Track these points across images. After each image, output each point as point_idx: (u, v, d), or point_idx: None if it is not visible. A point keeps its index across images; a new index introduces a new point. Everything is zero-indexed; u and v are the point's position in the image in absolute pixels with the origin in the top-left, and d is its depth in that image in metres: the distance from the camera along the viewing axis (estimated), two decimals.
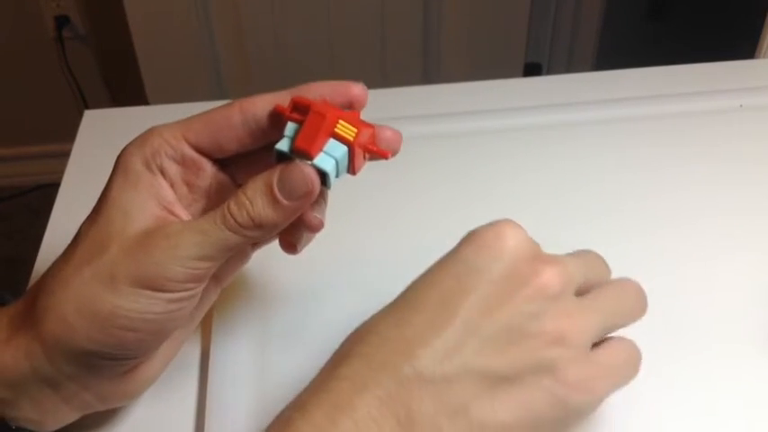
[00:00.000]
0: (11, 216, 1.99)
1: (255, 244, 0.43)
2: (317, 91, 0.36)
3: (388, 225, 0.59)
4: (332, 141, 0.35)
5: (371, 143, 0.36)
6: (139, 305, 0.34)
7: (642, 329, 0.51)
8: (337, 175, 0.36)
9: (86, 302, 0.34)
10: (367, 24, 1.69)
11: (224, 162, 0.39)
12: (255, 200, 0.34)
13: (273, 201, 0.34)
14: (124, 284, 0.34)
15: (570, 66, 1.98)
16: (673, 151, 0.67)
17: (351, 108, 0.37)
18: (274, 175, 0.35)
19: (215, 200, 0.39)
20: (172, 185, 0.37)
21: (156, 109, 0.79)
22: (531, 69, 1.92)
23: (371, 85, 0.40)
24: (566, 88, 0.76)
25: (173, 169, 0.37)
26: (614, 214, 0.60)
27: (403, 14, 1.69)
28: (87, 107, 0.91)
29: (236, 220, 0.34)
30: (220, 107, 0.37)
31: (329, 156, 0.35)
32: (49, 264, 0.57)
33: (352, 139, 0.35)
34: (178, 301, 0.35)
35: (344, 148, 0.35)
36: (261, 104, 0.36)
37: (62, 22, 1.83)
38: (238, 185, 0.40)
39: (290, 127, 0.35)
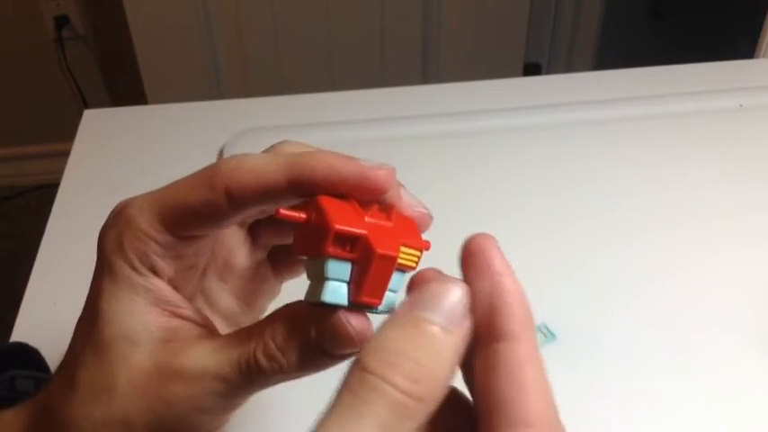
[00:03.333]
0: (11, 216, 1.99)
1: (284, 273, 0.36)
2: (328, 171, 0.27)
3: None
4: (395, 275, 0.27)
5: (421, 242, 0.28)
6: None
7: (643, 328, 0.51)
8: None
9: None
10: (367, 24, 1.69)
11: None
12: (289, 355, 0.28)
13: (312, 356, 0.28)
14: None
15: (570, 66, 1.98)
16: (673, 151, 0.67)
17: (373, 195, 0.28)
18: (311, 328, 0.27)
19: (228, 257, 0.34)
20: (170, 281, 0.31)
21: (155, 109, 0.79)
22: (531, 69, 1.92)
23: (371, 84, 0.36)
24: (566, 88, 0.76)
25: (166, 266, 0.30)
26: (614, 213, 0.60)
27: (403, 14, 1.69)
28: (87, 107, 0.91)
29: (264, 373, 0.28)
30: (198, 183, 0.29)
31: (391, 292, 0.27)
32: (48, 264, 0.57)
33: (415, 265, 0.27)
34: None
35: (404, 277, 0.27)
36: (250, 186, 0.28)
37: (62, 22, 1.83)
38: (249, 230, 0.35)
39: (333, 267, 0.26)
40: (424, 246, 0.27)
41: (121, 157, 0.67)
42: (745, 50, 0.96)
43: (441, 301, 0.23)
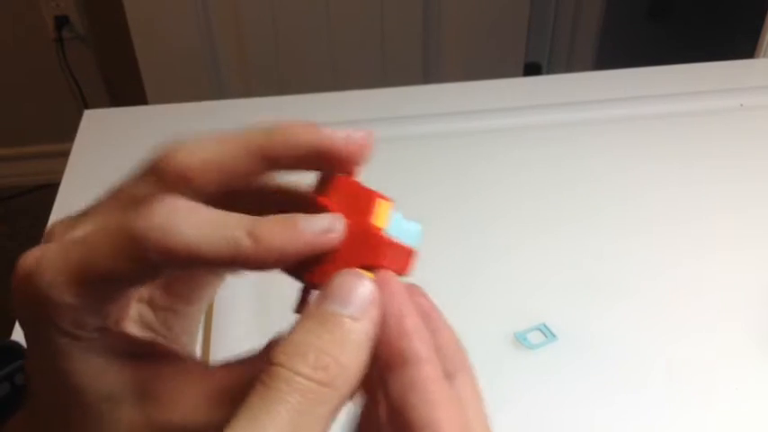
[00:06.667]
0: (11, 216, 1.99)
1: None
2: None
3: None
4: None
5: None
6: None
7: (643, 328, 0.51)
8: None
9: None
10: (367, 24, 1.69)
11: None
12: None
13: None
14: None
15: (570, 66, 1.98)
16: (673, 151, 0.67)
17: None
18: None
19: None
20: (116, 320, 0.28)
21: (155, 109, 0.79)
22: (531, 69, 1.92)
23: (371, 84, 0.37)
24: (566, 88, 0.76)
25: (104, 317, 0.26)
26: (614, 213, 0.60)
27: (403, 14, 1.69)
28: (87, 107, 0.91)
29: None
30: (113, 250, 0.24)
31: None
32: None
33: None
34: None
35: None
36: (181, 255, 0.23)
37: (62, 22, 1.84)
38: None
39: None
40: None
41: (121, 157, 0.67)
42: (745, 50, 0.96)
43: (348, 293, 0.24)
